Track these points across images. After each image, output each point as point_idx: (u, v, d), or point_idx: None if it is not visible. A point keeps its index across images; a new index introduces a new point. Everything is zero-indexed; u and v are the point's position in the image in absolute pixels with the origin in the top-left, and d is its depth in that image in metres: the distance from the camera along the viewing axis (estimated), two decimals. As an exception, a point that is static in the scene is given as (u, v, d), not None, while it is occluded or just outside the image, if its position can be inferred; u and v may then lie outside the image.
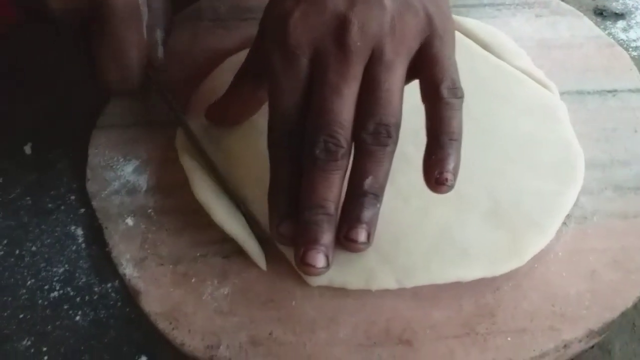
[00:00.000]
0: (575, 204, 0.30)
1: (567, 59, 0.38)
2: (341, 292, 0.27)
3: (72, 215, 0.32)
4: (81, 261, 0.31)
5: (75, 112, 0.38)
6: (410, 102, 0.34)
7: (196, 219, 0.30)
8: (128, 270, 0.28)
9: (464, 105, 0.34)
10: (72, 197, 0.33)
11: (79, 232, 0.32)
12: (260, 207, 0.29)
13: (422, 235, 0.28)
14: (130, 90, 0.31)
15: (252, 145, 0.32)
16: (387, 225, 0.29)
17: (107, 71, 0.30)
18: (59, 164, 0.35)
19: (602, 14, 0.44)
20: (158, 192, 0.31)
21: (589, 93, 0.37)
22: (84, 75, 0.40)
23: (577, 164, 0.31)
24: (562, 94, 0.36)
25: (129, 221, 0.30)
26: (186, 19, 0.42)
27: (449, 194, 0.29)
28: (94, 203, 0.31)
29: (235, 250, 0.29)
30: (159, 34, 0.33)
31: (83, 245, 0.31)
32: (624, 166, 0.32)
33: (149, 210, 0.30)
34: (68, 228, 0.32)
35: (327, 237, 0.26)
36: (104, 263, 0.30)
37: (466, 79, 0.36)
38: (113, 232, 0.30)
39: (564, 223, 0.30)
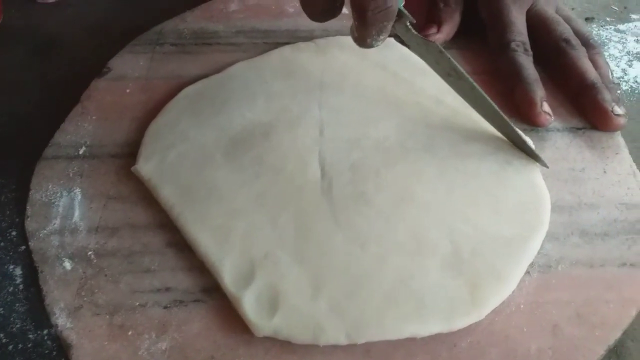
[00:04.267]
0: (540, 251, 0.29)
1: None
2: (287, 347, 0.25)
3: (11, 253, 0.30)
4: (17, 304, 0.29)
5: (21, 141, 0.36)
6: (373, 139, 0.33)
7: (137, 263, 0.28)
8: (61, 320, 0.26)
9: (430, 146, 0.33)
10: (14, 233, 0.31)
11: (18, 271, 0.30)
12: (215, 255, 0.27)
13: (378, 285, 0.27)
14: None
15: (210, 187, 0.31)
16: (340, 274, 0.27)
17: None
18: (2, 196, 0.33)
19: (574, 46, 0.43)
20: (100, 232, 0.29)
21: (558, 130, 0.35)
22: (33, 101, 0.39)
23: (543, 208, 0.30)
24: (530, 131, 0.35)
25: (67, 264, 0.28)
26: (147, 42, 0.40)
27: (409, 239, 0.28)
28: (31, 243, 0.29)
29: (175, 300, 0.27)
30: None
31: (21, 286, 0.29)
32: (591, 209, 0.31)
33: (89, 253, 0.29)
34: (6, 267, 0.30)
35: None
36: (41, 307, 0.28)
37: (431, 118, 0.34)
38: (48, 276, 0.28)
39: (527, 272, 0.28)
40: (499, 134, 0.34)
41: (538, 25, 0.39)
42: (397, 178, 0.31)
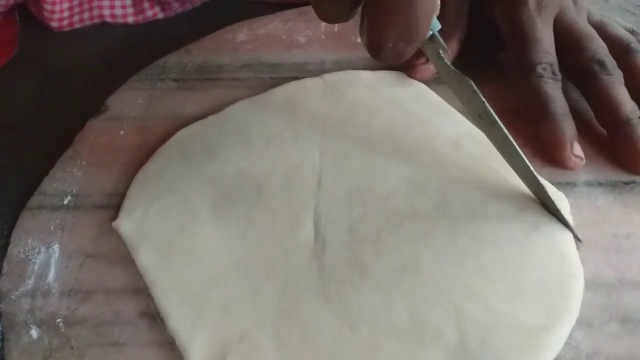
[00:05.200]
0: (567, 342, 0.24)
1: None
2: None
3: (-6, 308, 0.29)
4: (-7, 366, 0.27)
5: (17, 183, 0.34)
6: (377, 193, 0.29)
7: (106, 335, 0.26)
8: (19, 399, 0.24)
9: (442, 204, 0.29)
10: (-1, 285, 0.30)
11: (-3, 329, 0.28)
12: (185, 334, 0.25)
13: (365, 379, 0.23)
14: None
15: (190, 250, 0.28)
16: (323, 364, 0.24)
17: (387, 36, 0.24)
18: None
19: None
20: (73, 296, 0.27)
21: (600, 184, 0.30)
22: (37, 138, 0.38)
23: (573, 287, 0.25)
24: (565, 184, 0.30)
25: (34, 333, 0.26)
26: (148, 77, 0.38)
27: (408, 321, 0.25)
28: (2, 306, 0.27)
29: (140, 383, 0.24)
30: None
31: (-1, 345, 0.28)
32: (636, 288, 0.26)
33: (58, 320, 0.26)
34: (-13, 324, 0.28)
35: None
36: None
37: (446, 168, 0.30)
38: (13, 346, 0.26)
39: (550, 369, 0.23)
40: (524, 190, 0.29)
41: (567, 40, 0.33)
42: (400, 243, 0.27)
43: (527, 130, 0.32)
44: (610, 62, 0.32)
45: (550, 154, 0.31)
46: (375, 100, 0.34)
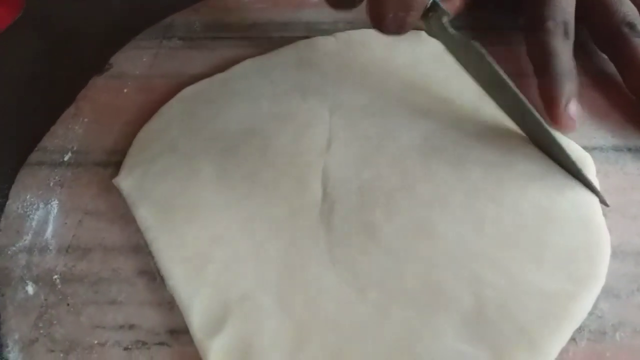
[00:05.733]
0: (592, 312, 0.22)
1: (603, 102, 0.30)
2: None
3: (-9, 265, 0.28)
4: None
5: (12, 147, 0.33)
6: (390, 154, 0.28)
7: (103, 292, 0.25)
8: (13, 355, 0.23)
9: (460, 166, 0.27)
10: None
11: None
12: (185, 292, 0.24)
13: (373, 344, 0.22)
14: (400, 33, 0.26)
15: (192, 208, 0.26)
16: (329, 326, 0.22)
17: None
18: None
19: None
20: (70, 253, 0.26)
21: (629, 150, 0.28)
22: (43, 98, 0.37)
23: (599, 255, 0.24)
24: (592, 149, 0.28)
25: (30, 289, 0.25)
26: (154, 36, 0.37)
27: (420, 286, 0.23)
28: (-2, 261, 0.26)
29: (138, 341, 0.23)
30: None
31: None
32: (667, 258, 0.24)
33: (55, 277, 0.25)
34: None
35: None
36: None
37: (465, 130, 0.28)
38: (8, 301, 0.25)
39: (573, 339, 0.22)
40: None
41: (596, 3, 0.31)
42: (413, 206, 0.26)
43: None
44: None
45: (545, 109, 0.28)
46: (392, 59, 0.32)
